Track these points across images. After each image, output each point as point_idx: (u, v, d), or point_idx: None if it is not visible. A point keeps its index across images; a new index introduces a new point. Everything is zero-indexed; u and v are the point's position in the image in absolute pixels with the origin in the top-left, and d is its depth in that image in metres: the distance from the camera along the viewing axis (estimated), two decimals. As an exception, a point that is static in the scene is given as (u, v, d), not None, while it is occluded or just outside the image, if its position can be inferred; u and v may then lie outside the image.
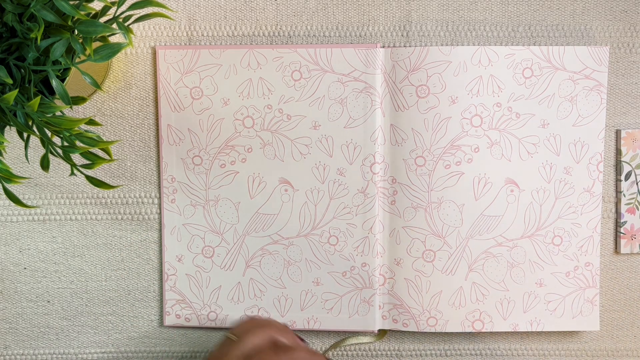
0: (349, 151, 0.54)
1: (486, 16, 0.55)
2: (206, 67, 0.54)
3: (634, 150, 0.55)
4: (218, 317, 0.56)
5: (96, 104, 0.56)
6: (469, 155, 0.54)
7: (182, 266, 0.56)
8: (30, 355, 0.58)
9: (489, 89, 0.53)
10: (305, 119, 0.54)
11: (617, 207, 0.55)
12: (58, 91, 0.40)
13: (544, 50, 0.53)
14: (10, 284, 0.57)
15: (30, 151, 0.55)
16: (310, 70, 0.54)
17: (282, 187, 0.55)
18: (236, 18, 0.55)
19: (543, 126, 0.54)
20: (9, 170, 0.39)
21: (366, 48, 0.53)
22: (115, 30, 0.38)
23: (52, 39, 0.39)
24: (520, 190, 0.54)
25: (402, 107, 0.54)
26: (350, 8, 0.55)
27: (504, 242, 0.55)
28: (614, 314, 0.56)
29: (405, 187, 0.54)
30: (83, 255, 0.57)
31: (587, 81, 0.54)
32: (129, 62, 0.55)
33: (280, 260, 0.56)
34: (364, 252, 0.55)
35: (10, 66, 0.40)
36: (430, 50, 0.53)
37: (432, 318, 0.55)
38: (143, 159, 0.56)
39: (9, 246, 0.57)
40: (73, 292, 0.57)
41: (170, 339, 0.57)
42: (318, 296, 0.56)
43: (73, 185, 0.56)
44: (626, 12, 0.55)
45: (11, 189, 0.55)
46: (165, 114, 0.55)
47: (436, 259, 0.54)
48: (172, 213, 0.56)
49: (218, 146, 0.55)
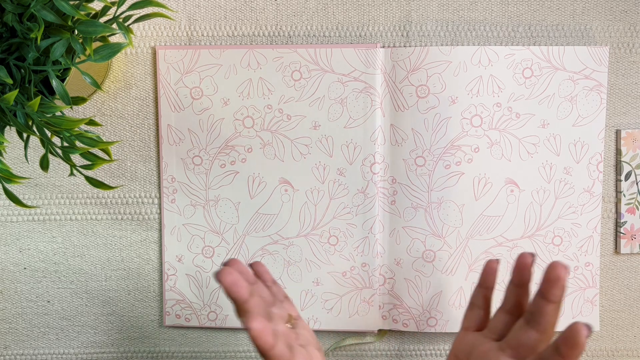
0: (349, 151, 0.54)
1: (486, 16, 0.55)
2: (206, 67, 0.54)
3: (634, 150, 0.55)
4: (218, 317, 0.56)
5: (96, 104, 0.56)
6: (469, 155, 0.54)
7: (182, 266, 0.56)
8: (30, 355, 0.58)
9: (489, 89, 0.53)
10: (305, 119, 0.54)
11: (617, 207, 0.55)
12: (58, 91, 0.40)
13: (544, 50, 0.53)
14: (10, 284, 0.57)
15: (30, 151, 0.55)
16: (310, 70, 0.54)
17: (282, 187, 0.55)
18: (236, 18, 0.55)
19: (543, 126, 0.54)
20: (9, 170, 0.39)
21: (366, 48, 0.53)
22: (115, 30, 0.38)
23: (52, 39, 0.39)
24: (520, 190, 0.54)
25: (402, 107, 0.54)
26: (350, 8, 0.55)
27: (504, 242, 0.55)
28: (614, 314, 0.56)
29: (405, 187, 0.54)
30: (83, 255, 0.57)
31: (587, 81, 0.54)
32: (129, 62, 0.55)
33: (280, 260, 0.56)
34: (364, 252, 0.55)
35: (10, 66, 0.40)
36: (430, 50, 0.53)
37: (432, 318, 0.55)
38: (143, 159, 0.56)
39: (9, 246, 0.57)
40: (73, 292, 0.57)
41: (170, 339, 0.57)
42: (318, 296, 0.56)
43: (73, 185, 0.56)
44: (626, 12, 0.55)
45: (11, 189, 0.55)
46: (165, 114, 0.55)
47: (436, 259, 0.54)
48: (172, 213, 0.56)
49: (218, 146, 0.55)
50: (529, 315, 0.42)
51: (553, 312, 0.41)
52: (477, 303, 0.48)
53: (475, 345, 0.46)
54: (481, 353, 0.44)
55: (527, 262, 0.44)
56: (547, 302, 0.41)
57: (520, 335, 0.42)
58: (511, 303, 0.45)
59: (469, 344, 0.46)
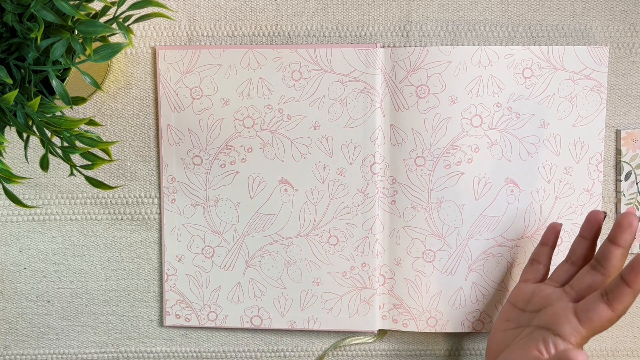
0: (349, 151, 0.54)
1: (486, 16, 0.55)
2: (206, 67, 0.54)
3: (634, 150, 0.55)
4: (218, 317, 0.56)
5: (96, 104, 0.56)
6: (469, 155, 0.54)
7: (182, 266, 0.56)
8: (30, 355, 0.58)
9: (489, 89, 0.53)
10: (305, 119, 0.54)
11: (617, 207, 0.55)
12: (58, 91, 0.40)
13: (544, 50, 0.53)
14: (10, 284, 0.57)
15: (30, 151, 0.55)
16: (310, 70, 0.54)
17: (282, 187, 0.55)
18: (236, 18, 0.55)
19: (543, 126, 0.54)
20: (9, 170, 0.39)
21: (366, 48, 0.53)
22: (115, 30, 0.38)
23: (52, 39, 0.39)
24: (520, 190, 0.54)
25: (402, 107, 0.54)
26: (350, 8, 0.55)
27: (504, 242, 0.55)
28: (614, 314, 0.56)
29: (405, 187, 0.54)
30: (83, 255, 0.57)
31: (587, 81, 0.54)
32: (129, 62, 0.55)
33: (280, 260, 0.56)
34: (364, 252, 0.55)
35: (10, 66, 0.40)
36: (430, 50, 0.53)
37: (432, 318, 0.55)
38: (143, 159, 0.56)
39: (9, 246, 0.57)
40: (73, 292, 0.57)
41: (170, 339, 0.57)
42: (318, 296, 0.56)
43: (73, 185, 0.56)
44: (626, 12, 0.55)
45: (11, 189, 0.55)
46: (165, 114, 0.55)
47: (436, 259, 0.54)
48: (172, 213, 0.56)
49: (218, 146, 0.55)
50: (595, 261, 0.45)
51: (620, 257, 0.44)
52: (538, 259, 0.51)
53: (535, 292, 0.48)
54: (542, 297, 0.47)
55: (599, 217, 0.48)
56: (616, 246, 0.44)
57: (585, 279, 0.45)
58: (577, 255, 0.48)
59: (529, 292, 0.49)
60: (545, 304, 0.46)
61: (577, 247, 0.49)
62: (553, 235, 0.51)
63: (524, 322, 0.48)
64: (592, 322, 0.42)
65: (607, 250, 0.45)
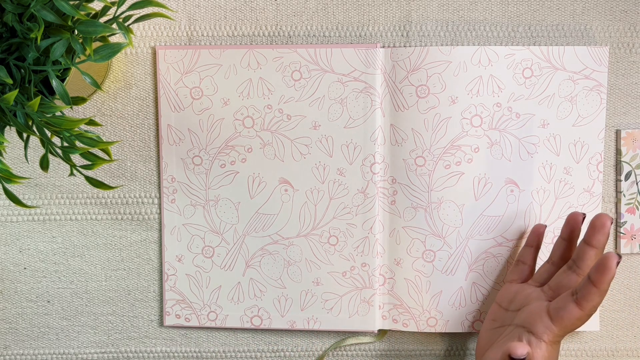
0: (349, 151, 0.54)
1: (486, 16, 0.55)
2: (206, 67, 0.54)
3: (634, 150, 0.55)
4: (218, 317, 0.56)
5: (96, 104, 0.56)
6: (469, 155, 0.54)
7: (182, 266, 0.56)
8: (30, 355, 0.58)
9: (489, 89, 0.53)
10: (305, 119, 0.54)
11: (617, 207, 0.55)
12: (58, 91, 0.40)
13: (544, 50, 0.53)
14: (10, 284, 0.57)
15: (30, 151, 0.55)
16: (310, 70, 0.54)
17: (282, 187, 0.55)
18: (236, 18, 0.55)
19: (543, 126, 0.54)
20: (9, 170, 0.39)
21: (366, 48, 0.53)
22: (115, 30, 0.38)
23: (52, 39, 0.39)
24: (520, 190, 0.54)
25: (402, 107, 0.54)
26: (350, 8, 0.55)
27: (504, 242, 0.55)
28: (614, 314, 0.56)
29: (405, 187, 0.54)
30: (83, 255, 0.57)
31: (587, 81, 0.54)
32: (129, 62, 0.55)
33: (280, 260, 0.56)
34: (364, 252, 0.55)
35: (10, 66, 0.40)
36: (430, 50, 0.53)
37: (432, 318, 0.55)
38: (143, 159, 0.56)
39: (9, 246, 0.57)
40: (73, 292, 0.57)
41: (170, 339, 0.57)
42: (318, 296, 0.56)
43: (73, 185, 0.56)
44: (626, 12, 0.55)
45: (11, 189, 0.55)
46: (165, 114, 0.55)
47: (436, 259, 0.54)
48: (172, 213, 0.56)
49: (218, 146, 0.55)
50: (572, 261, 0.47)
51: (594, 258, 0.46)
52: (523, 260, 0.52)
53: (518, 292, 0.50)
54: (523, 296, 0.49)
55: (578, 219, 0.49)
56: (590, 247, 0.46)
57: (562, 279, 0.47)
58: (557, 256, 0.50)
59: (513, 292, 0.51)
60: (524, 303, 0.48)
61: (557, 248, 0.50)
62: (536, 236, 0.53)
63: (507, 321, 0.49)
64: (563, 320, 0.44)
65: (582, 251, 0.46)
